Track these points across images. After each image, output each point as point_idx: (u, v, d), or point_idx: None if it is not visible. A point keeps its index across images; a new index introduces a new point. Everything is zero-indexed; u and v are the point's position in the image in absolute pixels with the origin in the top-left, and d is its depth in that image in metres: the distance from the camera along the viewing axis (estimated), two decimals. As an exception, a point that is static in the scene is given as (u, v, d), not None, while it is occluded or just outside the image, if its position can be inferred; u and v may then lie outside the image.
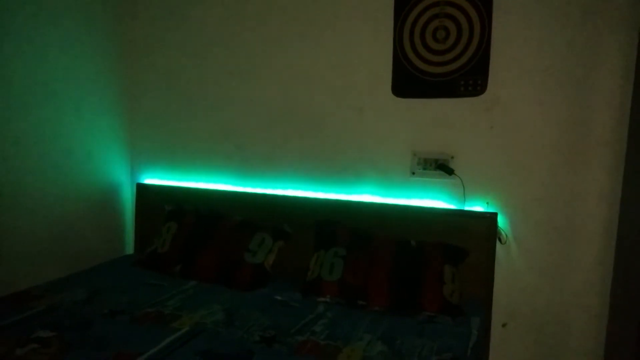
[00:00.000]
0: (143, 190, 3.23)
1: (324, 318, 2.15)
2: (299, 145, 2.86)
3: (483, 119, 2.48)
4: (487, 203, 2.50)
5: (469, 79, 2.47)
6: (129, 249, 3.29)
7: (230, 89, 2.99)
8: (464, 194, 2.52)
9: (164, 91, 3.18)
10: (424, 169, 2.60)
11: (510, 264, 2.48)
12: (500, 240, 2.46)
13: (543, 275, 2.44)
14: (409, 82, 2.59)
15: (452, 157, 2.54)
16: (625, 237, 2.21)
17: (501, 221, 2.47)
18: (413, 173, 2.63)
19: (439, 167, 2.56)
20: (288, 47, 2.83)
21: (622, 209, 2.26)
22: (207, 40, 3.02)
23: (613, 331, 2.28)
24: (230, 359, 1.75)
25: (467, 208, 2.52)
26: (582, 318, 2.40)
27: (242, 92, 2.97)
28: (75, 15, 2.85)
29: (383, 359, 1.79)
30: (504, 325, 2.52)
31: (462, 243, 2.43)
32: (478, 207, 2.51)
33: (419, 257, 2.37)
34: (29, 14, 2.58)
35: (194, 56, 3.07)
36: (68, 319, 2.03)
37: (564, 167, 2.37)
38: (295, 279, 2.51)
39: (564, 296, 2.42)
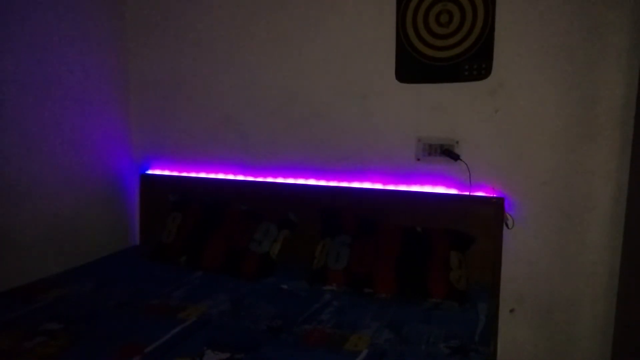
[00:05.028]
0: (147, 181, 3.22)
1: (331, 306, 2.15)
2: (303, 133, 2.84)
3: (488, 103, 2.45)
4: (493, 188, 2.48)
5: (473, 63, 2.44)
6: (134, 240, 3.29)
7: (233, 78, 2.97)
8: (469, 179, 2.50)
9: (167, 82, 3.15)
10: (429, 154, 2.58)
11: (517, 249, 2.47)
12: (507, 225, 2.45)
13: (551, 260, 2.43)
14: (412, 67, 2.56)
15: (457, 142, 2.52)
16: (634, 219, 2.19)
17: (508, 206, 2.45)
18: (418, 159, 2.61)
19: (444, 152, 2.54)
20: (290, 34, 2.80)
21: (630, 191, 2.24)
22: (209, 29, 2.99)
23: (622, 314, 2.27)
24: (237, 349, 1.74)
25: (473, 193, 2.50)
26: (591, 302, 2.39)
27: (244, 80, 2.94)
28: (79, 9, 2.83)
29: (390, 346, 1.79)
30: (511, 310, 2.51)
31: (469, 229, 2.42)
32: (484, 192, 2.49)
33: (425, 243, 2.36)
34: (33, 9, 2.56)
35: (196, 46, 3.04)
36: (75, 311, 2.04)
37: (570, 149, 2.35)
38: (301, 267, 2.51)
39: (573, 280, 2.41)
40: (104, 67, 3.05)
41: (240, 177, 3.00)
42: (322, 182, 2.81)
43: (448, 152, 2.52)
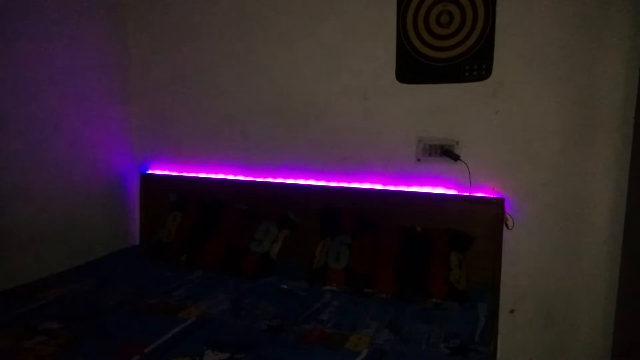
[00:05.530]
0: (148, 181, 3.22)
1: (331, 306, 2.15)
2: (303, 133, 2.84)
3: (488, 103, 2.45)
4: (493, 188, 2.48)
5: (473, 63, 2.44)
6: (134, 239, 3.29)
7: (234, 78, 2.97)
8: (469, 179, 2.50)
9: (167, 82, 3.16)
10: (429, 155, 2.58)
11: (517, 250, 2.46)
12: (507, 225, 2.45)
13: (551, 260, 2.43)
14: (413, 67, 2.56)
15: (457, 143, 2.52)
16: (634, 219, 2.19)
17: (508, 206, 2.45)
18: (418, 159, 2.61)
19: (444, 153, 2.54)
20: (291, 34, 2.80)
21: (630, 191, 2.24)
22: (210, 29, 2.99)
23: (622, 314, 2.27)
24: (237, 349, 1.74)
25: (473, 194, 2.50)
26: (591, 302, 2.39)
27: (245, 80, 2.94)
28: (80, 9, 2.83)
29: (390, 346, 1.79)
30: (511, 311, 2.51)
31: (469, 229, 2.42)
32: (484, 193, 2.49)
33: (425, 243, 2.36)
34: (34, 10, 2.56)
35: (196, 46, 3.04)
36: (75, 311, 2.04)
37: (570, 150, 2.35)
38: (301, 267, 2.51)
39: (572, 281, 2.41)
40: (104, 67, 3.04)
41: (240, 177, 3.00)
42: (322, 183, 2.80)
43: (448, 153, 2.52)
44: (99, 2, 2.98)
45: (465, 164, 2.50)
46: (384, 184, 2.68)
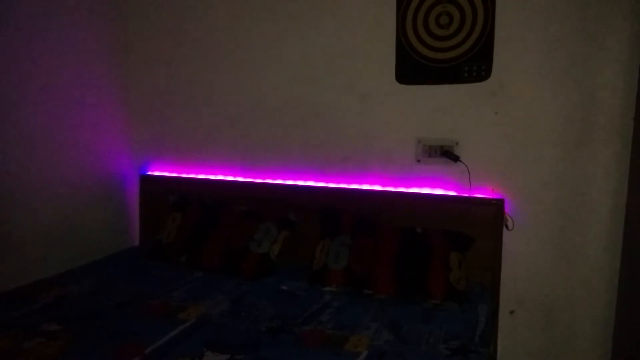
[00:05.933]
0: (147, 182, 3.22)
1: (330, 307, 2.15)
2: (303, 134, 2.84)
3: (487, 104, 2.45)
4: (493, 189, 2.48)
5: (473, 64, 2.44)
6: (134, 240, 3.29)
7: (234, 79, 2.97)
8: (469, 180, 2.50)
9: (167, 82, 3.16)
10: (429, 156, 2.58)
11: (517, 251, 2.46)
12: (506, 226, 2.44)
13: (551, 261, 2.43)
14: (412, 69, 2.56)
15: (457, 144, 2.52)
16: (634, 219, 2.19)
17: (507, 207, 2.45)
18: (418, 160, 2.61)
19: (443, 154, 2.54)
20: (291, 36, 2.80)
21: (629, 192, 2.24)
22: (210, 29, 3.00)
23: (622, 314, 2.27)
24: (237, 350, 1.74)
25: (473, 194, 2.50)
26: (591, 303, 2.39)
27: (244, 81, 2.95)
28: (81, 11, 2.84)
29: (390, 347, 1.79)
30: (511, 312, 2.51)
31: (469, 230, 2.41)
32: (484, 194, 2.49)
33: (424, 244, 2.36)
34: (36, 13, 2.57)
35: (196, 46, 3.05)
36: (75, 311, 2.04)
37: (570, 151, 2.34)
38: (301, 268, 2.50)
39: (573, 282, 2.40)
40: (104, 68, 3.05)
41: (240, 178, 3.00)
42: (322, 184, 2.80)
43: (448, 154, 2.52)
44: (100, 5, 2.98)
45: (465, 164, 2.50)
46: (383, 185, 2.68)
